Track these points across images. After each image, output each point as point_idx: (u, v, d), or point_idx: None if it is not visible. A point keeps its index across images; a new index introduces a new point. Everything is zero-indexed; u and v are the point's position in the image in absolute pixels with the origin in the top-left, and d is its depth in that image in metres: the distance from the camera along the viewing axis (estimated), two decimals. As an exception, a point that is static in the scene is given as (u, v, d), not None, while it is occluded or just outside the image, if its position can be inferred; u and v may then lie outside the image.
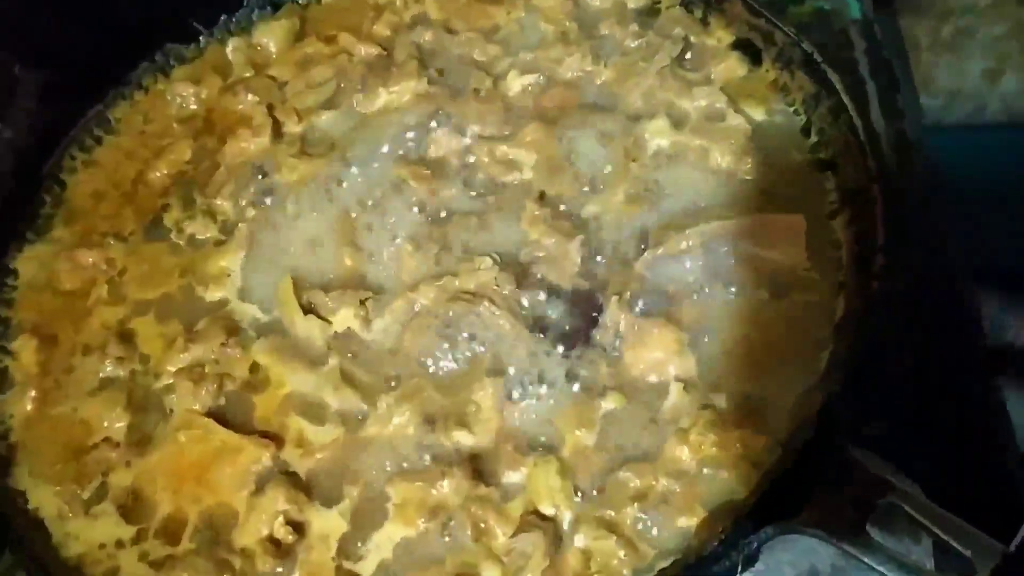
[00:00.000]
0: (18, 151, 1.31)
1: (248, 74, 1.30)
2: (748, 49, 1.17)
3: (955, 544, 0.78)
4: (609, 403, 0.95)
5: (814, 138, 1.08)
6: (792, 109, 1.11)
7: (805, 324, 0.96)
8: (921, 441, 1.04)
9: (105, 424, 1.03)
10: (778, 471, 0.86)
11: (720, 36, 1.20)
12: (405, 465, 0.95)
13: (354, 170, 1.16)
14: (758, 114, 1.11)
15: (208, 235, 1.16)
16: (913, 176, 1.19)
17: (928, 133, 1.28)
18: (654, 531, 0.88)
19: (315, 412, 1.00)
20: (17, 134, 1.35)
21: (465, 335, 1.01)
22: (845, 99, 1.06)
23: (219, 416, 1.01)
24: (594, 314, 1.00)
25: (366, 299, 1.05)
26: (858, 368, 0.89)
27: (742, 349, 0.96)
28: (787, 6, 1.18)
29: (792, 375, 0.93)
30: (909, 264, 1.03)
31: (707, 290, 0.99)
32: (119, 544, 0.96)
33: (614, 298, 0.99)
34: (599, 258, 1.04)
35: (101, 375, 1.06)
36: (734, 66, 1.16)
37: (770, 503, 0.83)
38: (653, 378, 0.96)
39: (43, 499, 0.99)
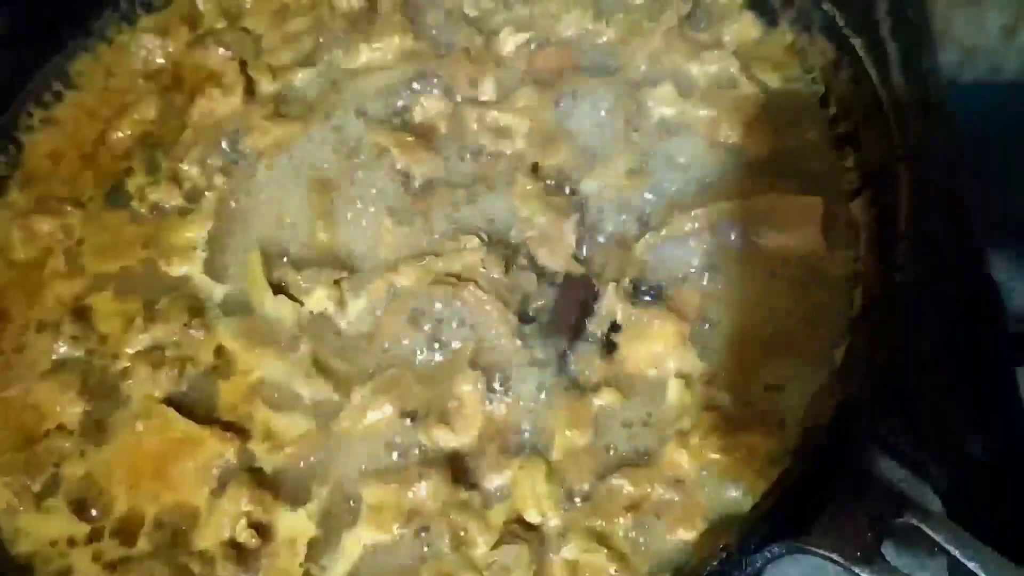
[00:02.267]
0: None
1: (220, 25, 1.21)
2: (763, 8, 1.08)
3: (975, 568, 0.72)
4: (603, 400, 0.87)
5: (833, 109, 0.99)
6: (810, 76, 1.02)
7: (819, 316, 0.88)
8: (938, 440, 0.98)
9: (58, 410, 0.95)
10: (787, 482, 0.78)
11: (733, -7, 1.10)
12: (380, 464, 0.88)
13: (332, 135, 1.07)
14: (773, 81, 1.02)
15: (173, 203, 1.07)
16: (938, 150, 1.10)
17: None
18: (649, 545, 0.80)
19: (284, 402, 0.93)
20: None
21: (448, 322, 0.93)
22: (868, 66, 0.97)
23: (181, 404, 0.94)
24: (589, 302, 0.92)
25: (341, 279, 0.96)
26: (878, 368, 0.82)
27: (750, 344, 0.88)
28: (807, -43, 1.08)
29: (804, 373, 0.85)
30: (933, 251, 0.95)
31: (713, 278, 0.91)
32: (71, 542, 0.89)
33: (611, 284, 0.91)
34: (596, 239, 0.96)
35: (54, 356, 0.99)
36: (748, 27, 1.06)
37: (778, 517, 0.76)
38: (652, 373, 0.88)
39: (-9, 491, 0.92)
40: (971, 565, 0.72)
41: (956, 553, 0.72)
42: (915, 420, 0.97)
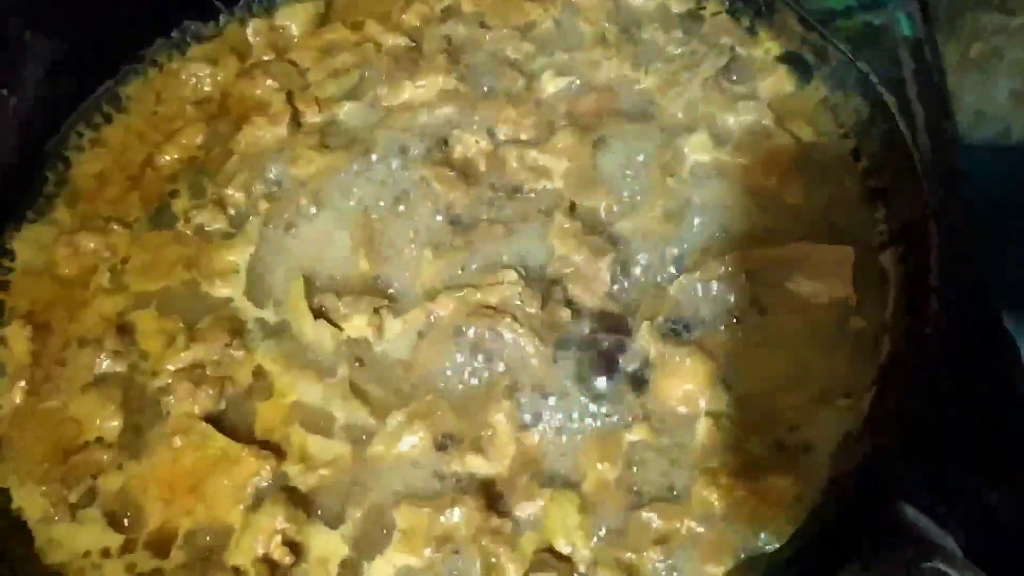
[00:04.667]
0: (23, 122, 1.25)
1: (268, 57, 1.24)
2: (797, 63, 1.11)
3: (1000, 613, 0.73)
4: (634, 436, 0.89)
5: (864, 163, 1.02)
6: (842, 131, 1.05)
7: (848, 364, 0.90)
8: (958, 491, 0.99)
9: (97, 423, 0.97)
10: (815, 526, 0.80)
11: (768, 47, 1.13)
12: (413, 489, 0.89)
13: (374, 167, 1.09)
14: (805, 134, 1.05)
15: (217, 226, 1.10)
16: (965, 211, 1.13)
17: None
18: (677, 579, 0.82)
19: (321, 425, 0.94)
20: (22, 103, 1.29)
21: (484, 353, 0.95)
22: (901, 126, 1.00)
23: (218, 422, 0.96)
24: (623, 339, 0.94)
25: (380, 307, 0.98)
26: (907, 417, 0.84)
27: (779, 385, 0.90)
28: (836, 19, 1.12)
29: (833, 417, 0.87)
30: (959, 306, 0.97)
31: (744, 321, 0.93)
32: (105, 553, 0.90)
33: (645, 323, 0.93)
34: (631, 279, 0.98)
35: (96, 370, 1.00)
36: (782, 81, 1.09)
37: (806, 560, 0.78)
38: (682, 411, 0.90)
39: (27, 500, 0.94)
40: (996, 611, 0.73)
41: (982, 599, 0.74)
42: (936, 472, 0.99)
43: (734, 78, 1.11)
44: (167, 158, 1.17)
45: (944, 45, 1.63)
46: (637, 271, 0.98)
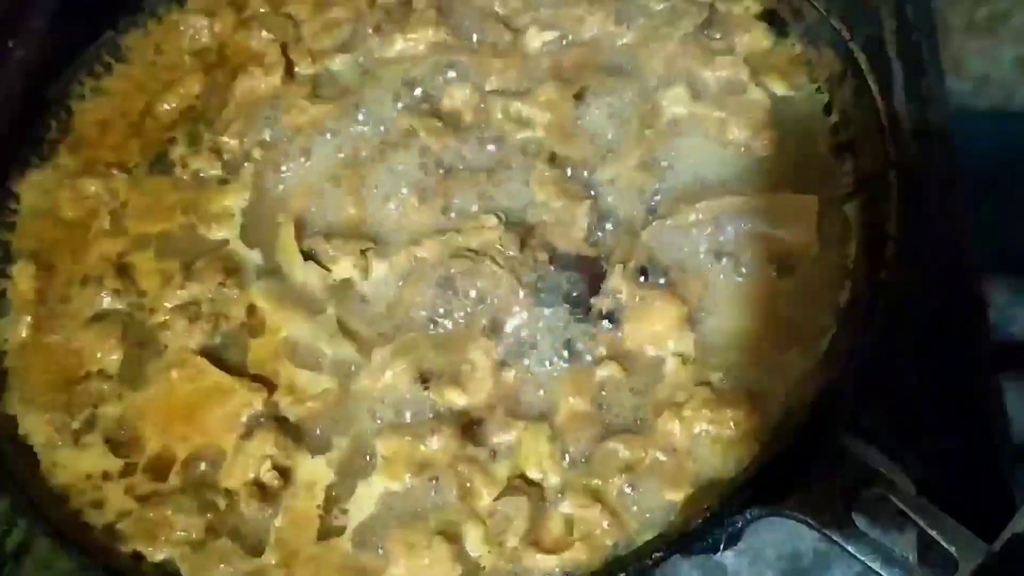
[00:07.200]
0: (28, 72, 1.30)
1: (264, 10, 1.27)
2: (775, 20, 1.14)
3: (940, 539, 0.78)
4: (605, 372, 0.94)
5: (835, 118, 1.05)
6: (815, 87, 1.08)
7: (809, 308, 0.94)
8: (916, 433, 1.04)
9: (98, 356, 1.02)
10: (769, 453, 0.85)
11: (747, 4, 1.16)
12: (395, 420, 0.95)
13: (364, 117, 1.14)
14: (779, 89, 1.09)
15: (213, 172, 1.14)
16: (932, 164, 1.17)
17: (956, 117, 1.26)
18: (639, 503, 0.87)
19: (309, 360, 0.99)
20: (29, 54, 1.34)
21: (464, 293, 1.00)
22: (870, 80, 1.03)
23: (213, 356, 1.01)
24: (597, 282, 0.99)
25: (367, 249, 1.03)
26: (859, 356, 0.88)
27: (743, 328, 0.95)
28: (821, -23, 1.15)
29: (792, 358, 0.92)
30: (920, 254, 1.02)
31: (713, 266, 0.98)
32: (106, 476, 0.96)
33: (618, 267, 0.98)
34: (606, 225, 1.02)
35: (97, 307, 1.05)
36: (759, 37, 1.13)
37: (758, 484, 0.83)
38: (651, 351, 0.95)
39: (33, 426, 0.99)
40: (935, 534, 0.78)
41: (922, 523, 0.79)
42: (895, 413, 1.04)
43: (713, 34, 1.14)
44: (166, 107, 1.21)
45: (950, 8, 1.66)
46: (612, 218, 1.03)
